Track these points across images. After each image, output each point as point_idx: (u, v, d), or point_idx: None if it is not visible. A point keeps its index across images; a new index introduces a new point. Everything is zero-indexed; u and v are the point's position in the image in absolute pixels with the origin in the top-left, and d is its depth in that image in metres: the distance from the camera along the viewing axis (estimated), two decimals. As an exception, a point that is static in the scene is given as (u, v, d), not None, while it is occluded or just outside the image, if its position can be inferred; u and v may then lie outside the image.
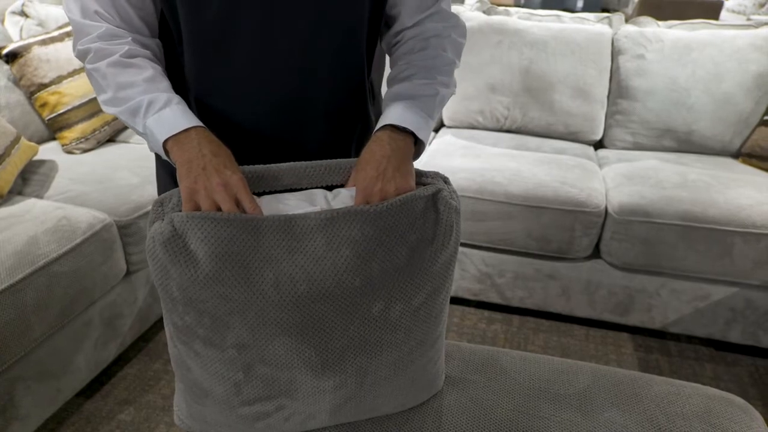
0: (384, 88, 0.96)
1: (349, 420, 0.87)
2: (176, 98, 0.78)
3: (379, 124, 0.84)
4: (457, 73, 2.28)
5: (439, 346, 0.88)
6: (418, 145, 0.85)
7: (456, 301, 2.07)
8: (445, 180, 0.82)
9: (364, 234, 0.72)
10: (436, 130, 2.40)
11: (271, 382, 0.77)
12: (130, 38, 0.81)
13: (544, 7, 5.03)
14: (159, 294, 0.74)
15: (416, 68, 0.88)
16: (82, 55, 0.81)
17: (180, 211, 0.72)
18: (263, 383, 0.77)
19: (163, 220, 0.70)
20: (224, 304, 0.70)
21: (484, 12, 2.38)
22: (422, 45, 0.89)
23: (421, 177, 0.82)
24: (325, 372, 0.77)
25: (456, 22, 0.92)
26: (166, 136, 0.75)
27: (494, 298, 1.99)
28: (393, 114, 0.83)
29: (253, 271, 0.69)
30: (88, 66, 0.80)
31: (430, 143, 2.23)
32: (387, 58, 1.00)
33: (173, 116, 0.76)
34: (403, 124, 0.82)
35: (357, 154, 0.86)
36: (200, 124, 0.77)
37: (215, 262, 0.68)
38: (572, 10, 4.44)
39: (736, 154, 2.12)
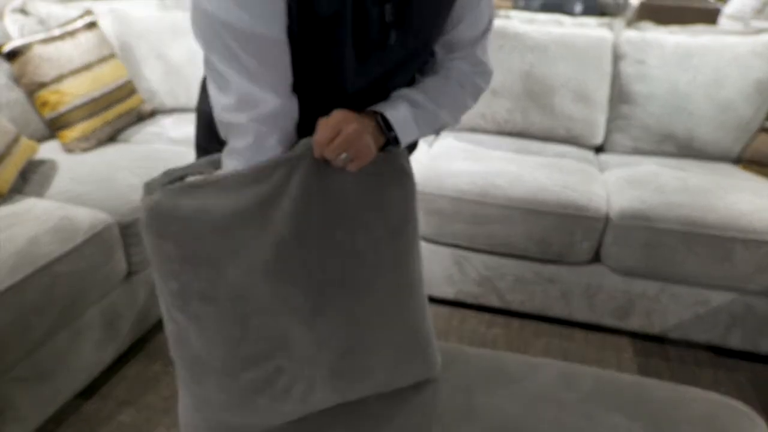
0: None
1: (348, 387, 0.87)
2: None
3: (374, 107, 0.86)
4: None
5: (419, 303, 0.91)
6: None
7: (456, 304, 2.07)
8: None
9: (341, 186, 0.80)
10: (437, 133, 2.39)
11: (266, 336, 0.79)
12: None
13: (543, 10, 5.03)
14: (154, 264, 0.79)
15: (429, 89, 0.91)
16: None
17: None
18: (259, 338, 0.79)
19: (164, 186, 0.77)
20: (217, 252, 0.75)
21: (485, 15, 2.38)
22: (444, 77, 0.94)
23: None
24: (315, 318, 0.80)
25: (484, 69, 0.97)
26: None
27: (494, 301, 1.99)
28: (389, 107, 0.85)
29: (240, 218, 0.75)
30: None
31: (431, 146, 2.23)
32: None
33: None
34: (392, 120, 0.84)
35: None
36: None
37: (205, 214, 0.75)
38: (571, 14, 4.45)
39: (737, 160, 2.13)
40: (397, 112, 0.85)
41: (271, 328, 0.79)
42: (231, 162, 0.80)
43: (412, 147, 1.04)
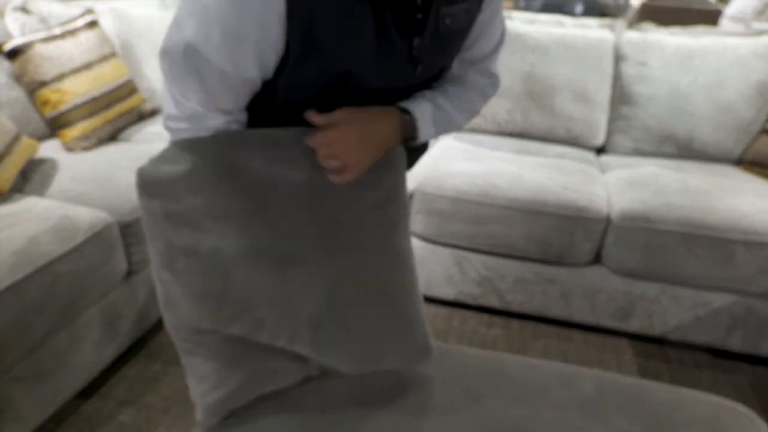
0: None
1: (328, 342, 0.87)
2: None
3: (399, 104, 0.89)
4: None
5: (404, 279, 0.91)
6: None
7: (456, 305, 2.07)
8: None
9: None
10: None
11: (245, 287, 0.82)
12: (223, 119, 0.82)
13: (544, 11, 5.03)
14: (145, 226, 0.85)
15: (449, 93, 0.95)
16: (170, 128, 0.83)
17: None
18: (239, 289, 0.82)
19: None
20: (197, 209, 0.80)
21: (486, 16, 2.38)
22: (462, 84, 0.97)
23: None
24: (288, 269, 0.82)
25: (495, 82, 1.01)
26: None
27: (494, 302, 1.99)
28: (415, 105, 0.89)
29: (225, 179, 0.80)
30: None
31: (431, 146, 2.23)
32: None
33: None
34: (417, 117, 0.88)
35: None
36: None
37: (189, 177, 0.80)
38: (572, 15, 4.45)
39: (738, 162, 2.13)
40: (421, 111, 0.88)
41: (249, 280, 0.82)
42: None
43: (423, 149, 1.05)
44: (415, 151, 1.01)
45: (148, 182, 0.82)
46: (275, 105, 0.82)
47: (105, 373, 1.64)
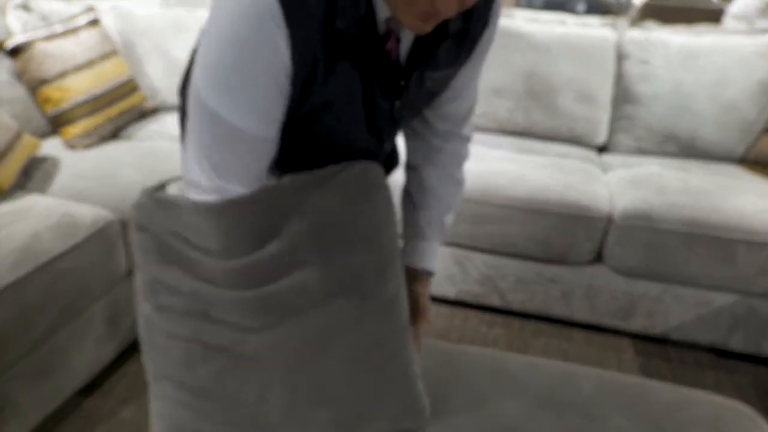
0: None
1: (304, 399, 0.81)
2: None
3: (422, 261, 1.01)
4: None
5: (393, 324, 0.85)
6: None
7: (457, 303, 2.06)
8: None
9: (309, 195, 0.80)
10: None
11: (222, 331, 0.80)
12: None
13: (546, 9, 5.03)
14: (135, 253, 0.84)
15: (437, 199, 1.02)
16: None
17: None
18: (216, 331, 0.80)
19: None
20: (188, 248, 0.79)
21: (488, 14, 2.37)
22: (446, 174, 1.02)
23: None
24: (270, 321, 0.79)
25: (467, 142, 1.04)
26: None
27: (495, 301, 1.99)
28: (432, 257, 1.02)
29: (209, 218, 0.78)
30: None
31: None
32: None
33: None
34: (434, 271, 1.03)
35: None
36: None
37: (180, 214, 0.78)
38: (574, 13, 4.44)
39: (740, 161, 2.13)
40: (434, 257, 1.02)
41: (227, 326, 0.80)
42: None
43: (396, 162, 1.07)
44: (389, 163, 1.04)
45: (143, 214, 0.82)
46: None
47: (106, 370, 1.64)
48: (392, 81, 0.78)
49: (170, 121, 2.17)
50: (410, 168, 1.04)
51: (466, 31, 0.80)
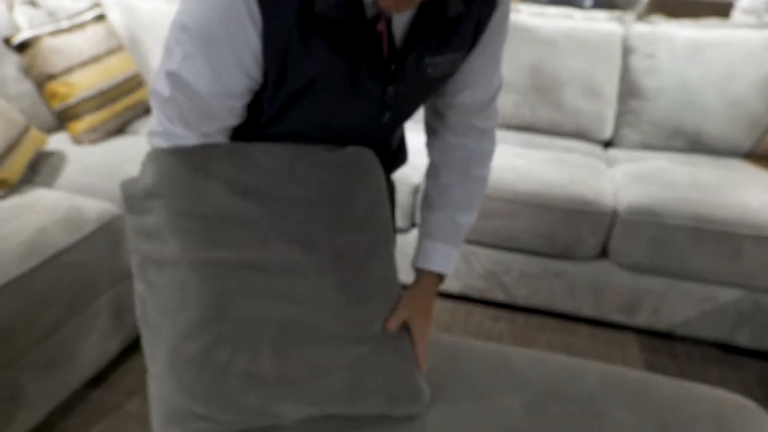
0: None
1: (297, 367, 0.81)
2: None
3: (426, 262, 0.98)
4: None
5: (380, 304, 0.87)
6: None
7: (461, 298, 2.07)
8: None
9: (290, 166, 0.83)
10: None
11: (205, 298, 0.80)
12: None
13: (553, 3, 5.00)
14: (129, 235, 0.85)
15: (456, 199, 0.99)
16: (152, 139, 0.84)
17: None
18: (200, 300, 0.80)
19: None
20: (169, 221, 0.80)
21: (494, 9, 2.36)
22: (463, 172, 0.99)
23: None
24: (256, 291, 0.80)
25: (491, 136, 1.01)
26: None
27: (500, 296, 1.99)
28: (440, 259, 0.98)
29: (195, 186, 0.80)
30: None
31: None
32: None
33: None
34: (446, 272, 0.99)
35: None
36: None
37: (164, 188, 0.80)
38: (581, 8, 4.41)
39: (747, 156, 2.11)
40: (443, 259, 0.98)
41: (209, 293, 0.80)
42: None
43: (402, 159, 1.07)
44: (393, 158, 1.02)
45: (127, 195, 0.84)
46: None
47: (112, 363, 1.65)
48: (383, 64, 0.76)
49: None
50: (430, 168, 1.02)
51: (470, 16, 0.77)
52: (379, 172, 0.89)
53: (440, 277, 1.00)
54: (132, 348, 1.72)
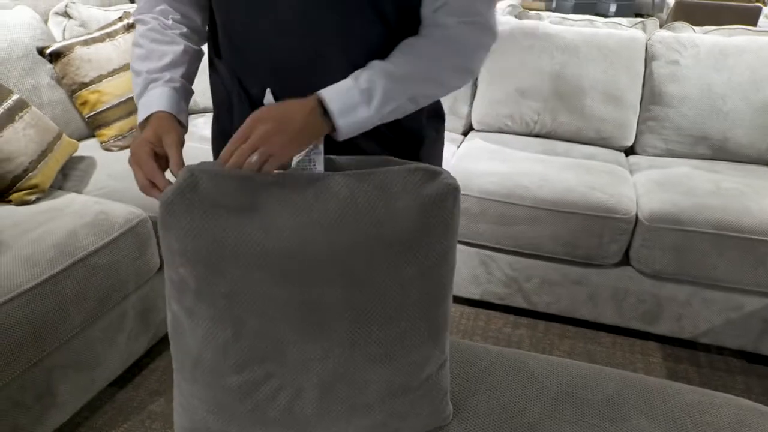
0: None
1: (339, 406, 0.82)
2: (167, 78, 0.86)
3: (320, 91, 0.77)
4: (487, 77, 2.28)
5: (438, 354, 0.84)
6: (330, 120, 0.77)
7: (481, 304, 2.07)
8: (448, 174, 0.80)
9: (352, 192, 0.74)
10: (465, 134, 2.40)
11: (259, 341, 0.77)
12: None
13: (575, 11, 4.98)
14: (162, 250, 0.79)
15: (394, 58, 0.80)
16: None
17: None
18: (252, 343, 0.77)
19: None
20: (216, 250, 0.73)
21: (515, 16, 2.38)
22: (420, 37, 0.82)
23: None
24: (312, 332, 0.77)
25: (476, 20, 0.81)
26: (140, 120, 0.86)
27: (520, 302, 1.99)
28: (333, 88, 0.77)
29: (245, 218, 0.73)
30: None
31: (458, 146, 2.24)
32: None
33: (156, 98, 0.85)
34: (331, 106, 0.76)
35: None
36: (166, 109, 0.84)
37: (211, 209, 0.73)
38: (605, 15, 4.39)
39: (774, 163, 2.08)
40: (337, 91, 0.76)
41: (265, 333, 0.77)
42: None
43: (418, 142, 0.94)
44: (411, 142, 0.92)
45: (167, 212, 0.75)
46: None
47: (137, 364, 1.70)
48: None
49: (201, 123, 2.23)
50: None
51: None
52: (451, 218, 0.78)
53: (323, 109, 0.76)
54: (156, 350, 1.76)
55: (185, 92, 0.89)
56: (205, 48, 0.98)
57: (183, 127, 0.86)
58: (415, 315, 0.80)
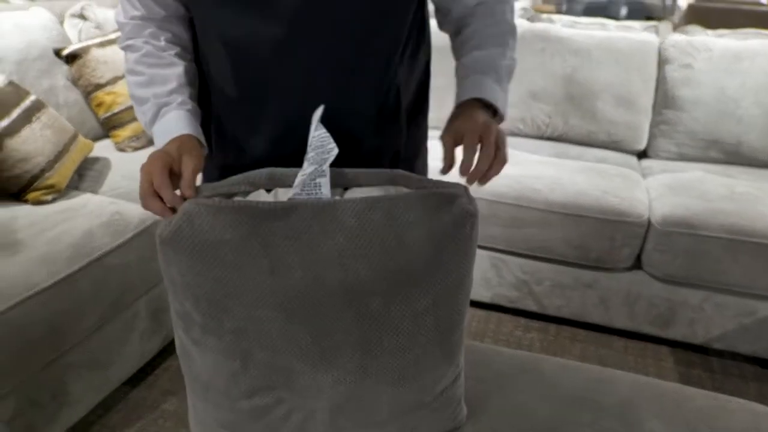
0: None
1: (351, 424, 0.82)
2: (179, 101, 0.83)
3: (464, 95, 0.82)
4: (499, 80, 2.28)
5: (452, 370, 0.83)
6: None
7: (492, 307, 2.06)
8: (465, 189, 0.76)
9: (361, 223, 0.69)
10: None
11: (269, 372, 0.76)
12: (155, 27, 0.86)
13: (586, 14, 4.96)
14: (165, 283, 0.77)
15: (485, 36, 0.87)
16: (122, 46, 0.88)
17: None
18: (261, 373, 0.76)
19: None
20: (220, 288, 0.70)
21: (527, 19, 2.38)
22: (488, 10, 0.88)
23: (439, 186, 0.76)
24: (323, 363, 0.75)
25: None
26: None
27: (531, 305, 1.98)
28: (478, 87, 0.81)
29: (249, 255, 0.69)
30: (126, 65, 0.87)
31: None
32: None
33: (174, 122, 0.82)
34: (492, 101, 0.81)
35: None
36: (189, 132, 0.81)
37: (212, 247, 0.69)
38: (615, 18, 4.37)
39: (788, 168, 2.07)
40: (478, 88, 0.82)
41: (274, 364, 0.75)
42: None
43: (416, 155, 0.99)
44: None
45: (168, 246, 0.71)
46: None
47: (150, 363, 1.71)
48: None
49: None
50: (453, 40, 0.92)
51: None
52: (470, 234, 0.75)
53: (486, 106, 0.81)
54: (169, 348, 1.77)
55: (197, 114, 0.86)
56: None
57: (203, 147, 0.84)
58: (429, 341, 0.77)
